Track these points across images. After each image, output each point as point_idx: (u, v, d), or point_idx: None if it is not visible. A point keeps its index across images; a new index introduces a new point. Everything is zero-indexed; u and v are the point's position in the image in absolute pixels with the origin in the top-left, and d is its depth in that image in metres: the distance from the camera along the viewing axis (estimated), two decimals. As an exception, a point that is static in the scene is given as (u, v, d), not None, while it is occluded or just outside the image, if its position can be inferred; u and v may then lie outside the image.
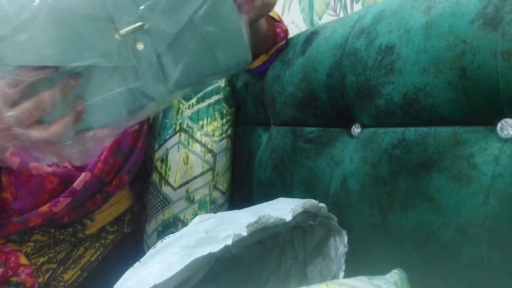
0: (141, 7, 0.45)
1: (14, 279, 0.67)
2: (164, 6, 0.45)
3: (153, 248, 0.46)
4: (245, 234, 0.42)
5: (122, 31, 0.45)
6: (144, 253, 0.47)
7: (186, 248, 0.40)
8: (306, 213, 0.52)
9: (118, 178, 0.75)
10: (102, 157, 0.71)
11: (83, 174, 0.69)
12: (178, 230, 0.58)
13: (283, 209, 0.48)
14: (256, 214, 0.46)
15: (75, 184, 0.68)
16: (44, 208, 0.67)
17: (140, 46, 0.46)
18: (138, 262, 0.44)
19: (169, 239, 0.45)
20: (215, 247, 0.40)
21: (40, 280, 0.71)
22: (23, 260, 0.69)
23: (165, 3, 0.45)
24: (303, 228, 0.60)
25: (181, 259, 0.39)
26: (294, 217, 0.48)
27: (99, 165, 0.70)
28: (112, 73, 0.46)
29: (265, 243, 0.64)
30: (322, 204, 0.52)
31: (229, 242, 0.41)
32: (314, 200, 0.52)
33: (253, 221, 0.44)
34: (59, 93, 0.45)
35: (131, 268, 0.43)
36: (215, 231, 0.43)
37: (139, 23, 0.45)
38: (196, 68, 0.49)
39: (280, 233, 0.61)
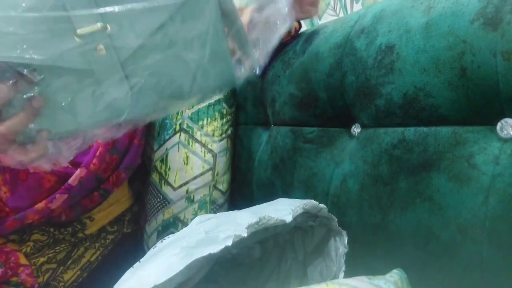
0: (101, 9, 0.41)
1: (14, 279, 0.67)
2: (128, 10, 0.42)
3: (153, 248, 0.46)
4: (245, 235, 0.42)
5: (80, 31, 0.41)
6: (144, 253, 0.47)
7: (186, 249, 0.40)
8: (306, 214, 0.52)
9: (115, 175, 0.75)
10: (97, 153, 0.71)
11: (78, 170, 0.69)
12: (178, 230, 0.58)
13: (283, 209, 0.48)
14: (256, 214, 0.46)
15: (70, 180, 0.68)
16: (41, 205, 0.67)
17: (101, 49, 0.43)
18: (138, 262, 0.44)
19: (169, 239, 0.45)
20: (215, 248, 0.40)
21: (40, 280, 0.71)
22: (23, 260, 0.69)
23: (129, 8, 0.42)
24: (303, 229, 0.60)
25: (181, 260, 0.39)
26: (294, 218, 0.48)
27: (94, 161, 0.70)
28: (74, 76, 0.43)
29: (265, 244, 0.64)
30: (322, 205, 0.52)
31: (229, 243, 0.41)
32: (314, 201, 0.52)
33: (253, 222, 0.44)
34: (14, 87, 0.43)
35: (131, 268, 0.43)
36: (215, 231, 0.43)
37: (99, 24, 0.42)
38: (170, 81, 0.45)
39: (280, 233, 0.61)
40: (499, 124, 0.43)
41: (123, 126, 0.48)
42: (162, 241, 0.46)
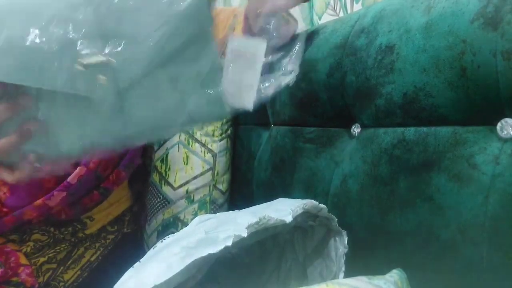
0: (107, 44, 0.42)
1: (14, 279, 0.67)
2: (131, 47, 0.43)
3: (153, 248, 0.46)
4: (245, 235, 0.42)
5: (85, 62, 0.42)
6: (144, 253, 0.47)
7: (186, 249, 0.40)
8: (306, 214, 0.52)
9: (115, 174, 0.75)
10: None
11: (77, 169, 0.69)
12: (178, 230, 0.58)
13: (283, 209, 0.48)
14: (256, 215, 0.46)
15: (69, 178, 0.68)
16: (39, 201, 0.67)
17: (101, 79, 0.43)
18: (138, 262, 0.44)
19: (169, 239, 0.45)
20: (215, 248, 0.40)
21: (40, 280, 0.71)
22: (23, 260, 0.69)
23: (132, 47, 0.43)
24: (303, 228, 0.60)
25: (181, 260, 0.39)
26: (294, 218, 0.48)
27: (93, 159, 0.70)
28: (72, 102, 0.44)
29: (265, 243, 0.64)
30: (322, 205, 0.52)
31: (229, 243, 0.41)
32: (314, 201, 0.52)
33: (253, 222, 0.44)
34: (11, 109, 0.43)
35: (131, 268, 0.43)
36: (215, 231, 0.43)
37: (103, 58, 0.43)
38: (163, 111, 0.46)
39: (280, 233, 0.61)
40: (499, 124, 0.43)
41: (112, 149, 0.49)
42: (162, 241, 0.46)
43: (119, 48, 0.43)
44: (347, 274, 0.52)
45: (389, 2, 0.57)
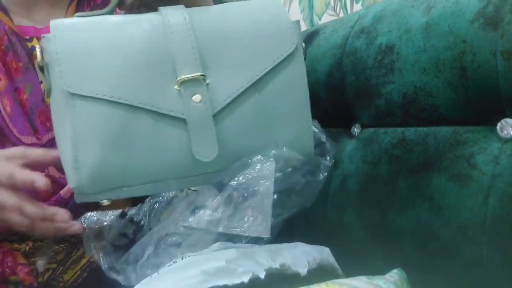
0: (204, 60, 0.44)
1: (13, 278, 0.67)
2: (228, 62, 0.45)
3: (174, 262, 0.46)
4: (262, 276, 0.43)
5: (181, 78, 0.43)
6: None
7: (205, 274, 0.41)
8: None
9: None
10: None
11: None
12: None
13: (300, 258, 0.48)
14: (275, 257, 0.46)
15: (62, 193, 0.68)
16: None
17: (197, 98, 0.43)
18: (156, 273, 0.44)
19: (189, 258, 0.45)
20: (231, 280, 0.41)
21: (40, 280, 0.71)
22: (21, 259, 0.69)
23: (230, 59, 0.45)
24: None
25: (198, 284, 0.40)
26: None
27: None
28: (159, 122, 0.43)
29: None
30: (337, 266, 0.51)
31: (246, 279, 0.41)
32: (331, 258, 0.50)
33: (273, 267, 0.45)
34: None
35: (148, 278, 0.44)
36: (234, 263, 0.43)
37: (199, 73, 0.43)
38: (250, 137, 0.45)
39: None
40: (499, 124, 0.43)
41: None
42: (182, 258, 0.46)
43: (215, 65, 0.44)
44: (347, 274, 0.52)
45: (389, 2, 0.57)
